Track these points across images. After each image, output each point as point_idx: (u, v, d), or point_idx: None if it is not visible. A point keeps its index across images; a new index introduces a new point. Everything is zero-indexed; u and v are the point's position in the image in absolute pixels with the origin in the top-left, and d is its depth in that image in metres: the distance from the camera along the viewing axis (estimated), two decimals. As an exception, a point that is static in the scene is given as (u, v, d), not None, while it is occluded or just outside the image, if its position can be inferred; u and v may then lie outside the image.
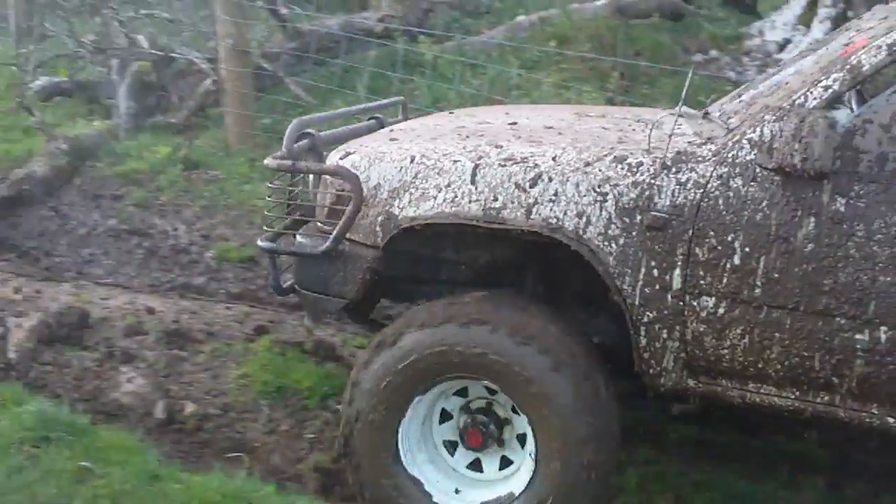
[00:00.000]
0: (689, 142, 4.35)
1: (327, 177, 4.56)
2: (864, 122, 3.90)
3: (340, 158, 4.59)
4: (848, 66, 3.84)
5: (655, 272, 4.17)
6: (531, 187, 4.26)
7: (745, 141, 4.02)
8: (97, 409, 5.01)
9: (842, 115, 3.87)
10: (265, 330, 5.84)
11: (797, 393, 4.19)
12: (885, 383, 4.02)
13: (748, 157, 4.00)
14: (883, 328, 3.94)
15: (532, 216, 4.24)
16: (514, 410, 4.32)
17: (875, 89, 4.43)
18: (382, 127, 5.17)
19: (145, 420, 5.04)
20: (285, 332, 5.98)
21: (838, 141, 3.87)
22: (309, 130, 4.81)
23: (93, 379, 5.39)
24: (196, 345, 5.80)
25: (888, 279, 3.87)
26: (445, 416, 4.45)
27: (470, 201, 4.33)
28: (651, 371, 4.36)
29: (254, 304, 6.43)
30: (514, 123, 4.95)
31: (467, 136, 4.68)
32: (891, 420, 4.10)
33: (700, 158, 4.15)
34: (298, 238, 4.63)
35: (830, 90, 3.83)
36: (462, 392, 4.45)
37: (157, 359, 5.56)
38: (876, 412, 4.09)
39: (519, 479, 4.36)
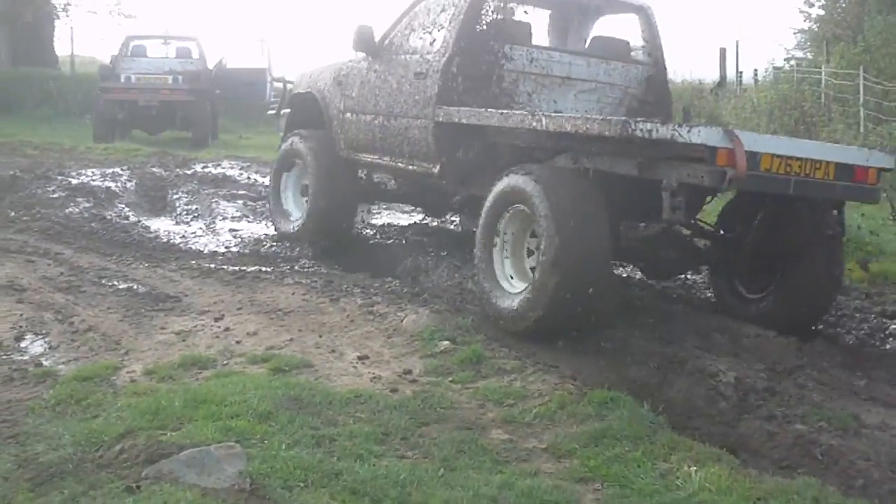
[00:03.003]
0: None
1: None
2: (400, 34, 11.15)
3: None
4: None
5: (337, 101, 11.84)
6: (318, 77, 12.55)
7: None
8: None
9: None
10: None
11: (378, 156, 11.13)
12: (388, 145, 10.82)
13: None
14: (381, 118, 10.92)
15: (314, 86, 12.58)
16: None
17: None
18: None
19: None
20: None
21: (375, 39, 11.23)
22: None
23: None
24: None
25: (383, 98, 10.90)
26: None
27: (314, 83, 12.64)
28: (337, 148, 11.83)
29: None
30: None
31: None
32: (399, 164, 10.78)
33: (362, 58, 11.56)
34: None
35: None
36: None
37: None
38: (392, 162, 10.89)
39: None
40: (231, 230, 14.00)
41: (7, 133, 25.36)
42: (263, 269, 10.85)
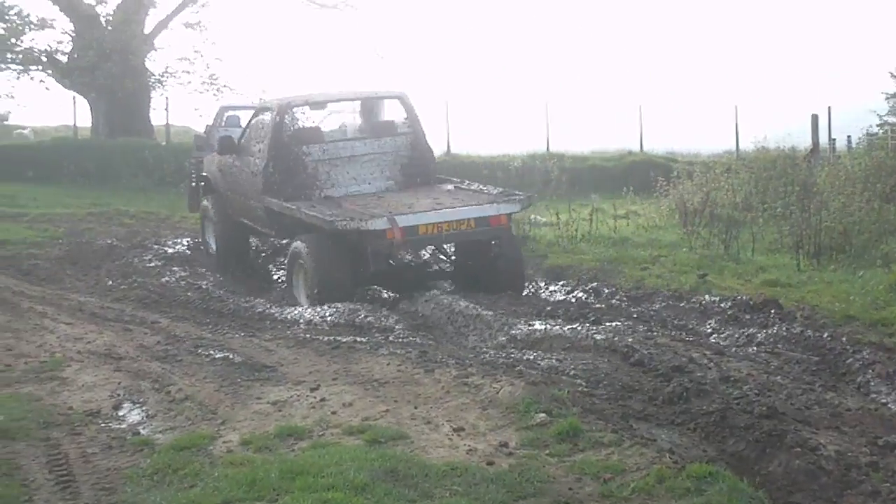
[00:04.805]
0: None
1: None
2: (247, 140, 16.41)
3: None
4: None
5: (222, 183, 17.35)
6: (211, 163, 18.13)
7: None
8: None
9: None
10: None
11: (248, 221, 16.38)
12: (250, 216, 16.21)
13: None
14: (242, 198, 16.20)
15: (209, 170, 18.14)
16: None
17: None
18: None
19: None
20: None
21: (232, 142, 16.71)
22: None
23: None
24: None
25: (241, 186, 16.25)
26: None
27: (208, 169, 18.27)
28: (228, 213, 17.15)
29: None
30: None
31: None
32: (259, 228, 16.22)
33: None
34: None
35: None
36: None
37: None
38: (255, 226, 16.21)
39: None
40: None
41: (104, 202, 25.85)
42: (358, 339, 10.87)
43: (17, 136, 39.52)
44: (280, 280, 16.42)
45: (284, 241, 16.81)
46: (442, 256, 15.73)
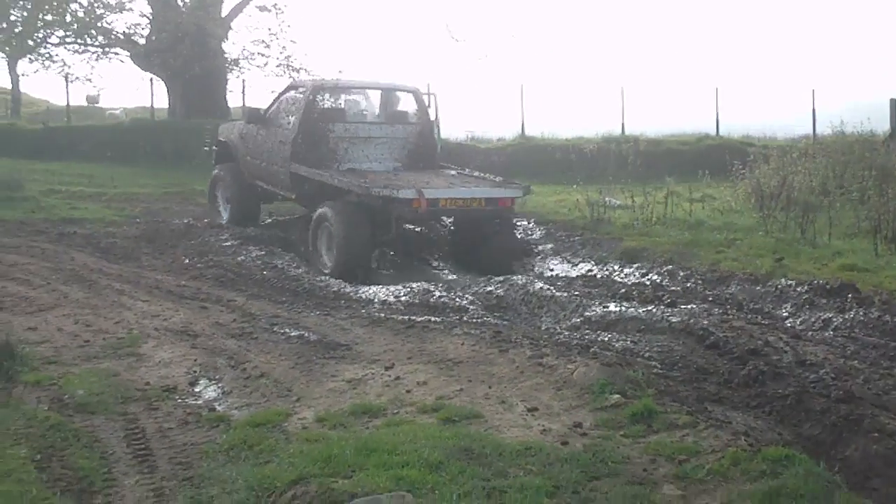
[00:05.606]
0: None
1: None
2: (276, 113, 18.92)
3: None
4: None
5: (242, 149, 19.85)
6: (231, 131, 20.93)
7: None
8: None
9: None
10: None
11: (265, 184, 18.85)
12: (270, 179, 18.74)
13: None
14: (265, 163, 18.68)
15: (229, 137, 20.81)
16: None
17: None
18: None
19: None
20: None
21: (261, 113, 19.23)
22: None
23: None
24: None
25: (266, 152, 18.60)
26: None
27: (228, 135, 20.93)
28: (245, 176, 19.75)
29: None
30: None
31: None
32: (276, 190, 18.68)
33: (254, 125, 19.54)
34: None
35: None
36: None
37: None
38: (273, 188, 18.81)
39: None
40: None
41: (180, 182, 26.11)
42: (432, 319, 10.93)
43: (109, 117, 39.96)
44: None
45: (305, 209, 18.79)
46: (439, 226, 18.13)
